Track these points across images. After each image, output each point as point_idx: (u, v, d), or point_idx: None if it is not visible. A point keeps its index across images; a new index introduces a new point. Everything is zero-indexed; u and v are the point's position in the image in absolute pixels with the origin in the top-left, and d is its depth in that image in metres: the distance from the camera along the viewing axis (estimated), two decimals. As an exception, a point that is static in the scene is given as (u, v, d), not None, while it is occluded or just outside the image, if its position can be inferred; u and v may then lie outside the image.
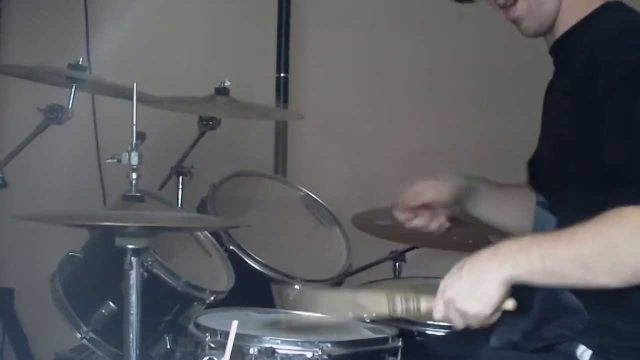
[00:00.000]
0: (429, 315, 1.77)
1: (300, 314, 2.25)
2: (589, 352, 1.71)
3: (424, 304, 1.78)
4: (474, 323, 1.69)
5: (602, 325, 1.70)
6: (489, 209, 2.13)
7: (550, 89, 1.93)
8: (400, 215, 2.13)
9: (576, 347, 1.73)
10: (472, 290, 1.66)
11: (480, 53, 3.86)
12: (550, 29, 1.85)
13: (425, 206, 2.10)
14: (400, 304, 1.80)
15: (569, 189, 1.75)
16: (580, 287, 1.62)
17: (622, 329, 1.68)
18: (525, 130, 2.03)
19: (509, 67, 3.81)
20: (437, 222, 2.12)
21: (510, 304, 1.68)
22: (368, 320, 2.10)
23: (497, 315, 1.69)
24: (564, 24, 1.83)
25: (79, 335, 2.36)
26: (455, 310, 1.68)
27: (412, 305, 1.79)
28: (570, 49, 1.81)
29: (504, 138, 3.72)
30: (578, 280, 1.60)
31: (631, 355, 1.68)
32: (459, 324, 1.70)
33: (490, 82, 3.86)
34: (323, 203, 3.00)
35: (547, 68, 1.95)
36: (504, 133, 3.76)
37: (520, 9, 1.82)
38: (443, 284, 1.71)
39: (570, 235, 1.59)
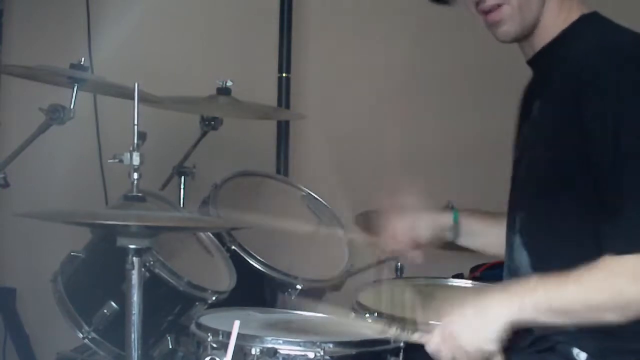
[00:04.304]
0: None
1: (302, 314, 2.25)
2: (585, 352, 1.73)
3: (416, 336, 1.85)
4: None
5: (597, 330, 1.69)
6: (472, 242, 2.21)
7: (527, 100, 1.92)
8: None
9: (572, 347, 1.74)
10: (474, 328, 1.70)
11: (479, 53, 3.84)
12: (528, 36, 1.84)
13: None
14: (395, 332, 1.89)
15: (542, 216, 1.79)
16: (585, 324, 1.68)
17: (617, 331, 1.68)
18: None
19: (509, 67, 3.75)
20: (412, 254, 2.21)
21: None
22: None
23: None
24: (543, 35, 1.83)
25: (80, 335, 2.36)
26: (450, 345, 1.72)
27: (405, 334, 1.88)
28: (549, 67, 1.82)
29: (505, 138, 3.71)
30: (584, 319, 1.66)
31: (626, 357, 1.71)
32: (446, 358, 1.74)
33: (490, 82, 3.85)
34: (325, 203, 3.00)
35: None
36: (504, 134, 3.75)
37: (504, 12, 1.81)
38: (447, 319, 1.76)
39: (577, 278, 1.64)
